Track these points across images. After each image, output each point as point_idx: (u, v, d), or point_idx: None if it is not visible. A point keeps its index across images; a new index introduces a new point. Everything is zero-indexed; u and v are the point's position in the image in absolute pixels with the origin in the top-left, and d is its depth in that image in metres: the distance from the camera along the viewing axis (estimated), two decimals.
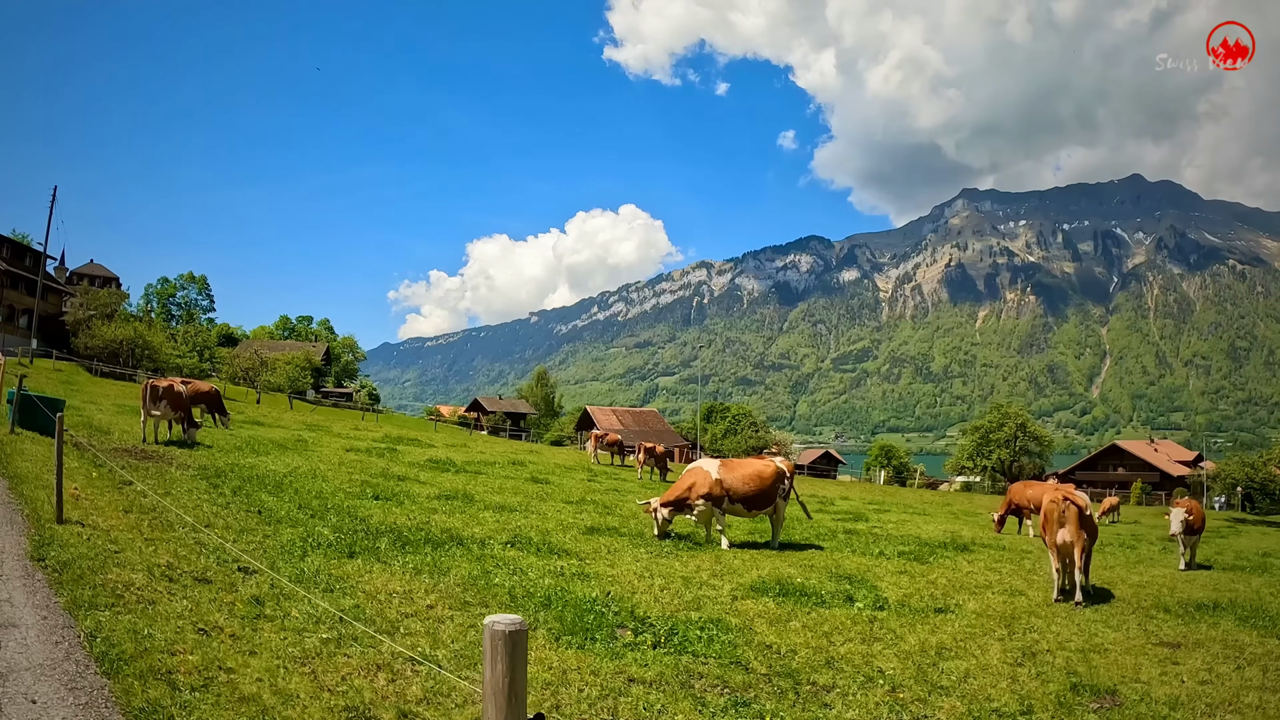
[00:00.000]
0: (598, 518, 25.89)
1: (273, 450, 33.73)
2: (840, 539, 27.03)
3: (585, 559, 18.23)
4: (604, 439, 63.60)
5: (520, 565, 16.48)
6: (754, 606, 14.91)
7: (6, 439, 24.66)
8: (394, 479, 29.69)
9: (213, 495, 20.27)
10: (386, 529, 18.57)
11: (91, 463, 22.36)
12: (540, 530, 21.51)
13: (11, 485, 17.53)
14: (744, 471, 22.99)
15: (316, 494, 22.78)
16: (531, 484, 36.21)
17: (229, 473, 24.45)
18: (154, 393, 30.36)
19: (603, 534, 22.28)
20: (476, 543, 18.43)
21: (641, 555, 19.42)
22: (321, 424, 59.95)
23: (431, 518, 21.48)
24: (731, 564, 19.50)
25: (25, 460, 20.94)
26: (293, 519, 18.50)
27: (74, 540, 13.04)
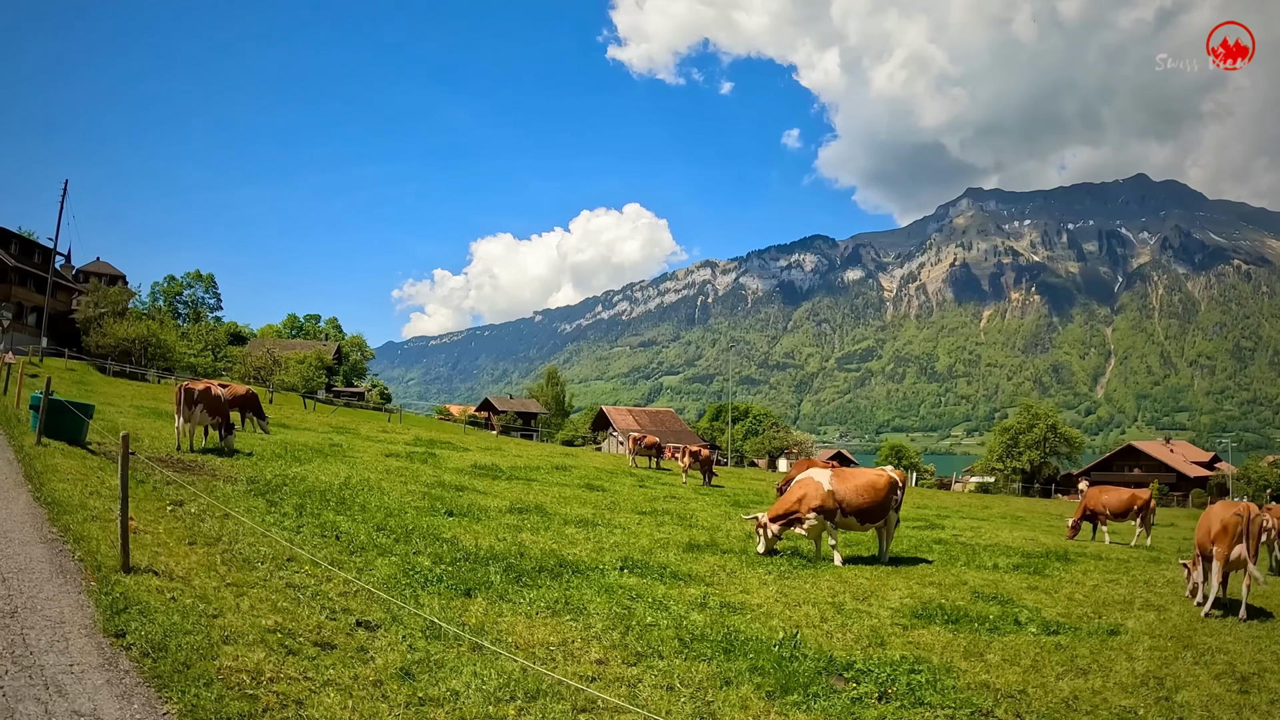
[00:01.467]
0: (684, 531, 24.68)
1: (314, 457, 31.53)
2: (936, 550, 25.82)
3: (710, 583, 16.88)
4: (641, 441, 61.20)
5: (653, 595, 15.00)
6: (929, 636, 13.86)
7: (34, 452, 21.31)
8: (452, 489, 27.92)
9: (277, 516, 18.07)
10: (486, 555, 16.90)
11: (132, 477, 19.31)
12: (640, 549, 20.10)
13: (53, 516, 14.50)
14: (857, 482, 21.52)
15: (385, 510, 20.95)
16: (588, 491, 34.72)
17: (282, 486, 22.21)
18: (189, 397, 27.82)
19: (704, 551, 20.88)
20: (588, 568, 16.87)
21: (765, 577, 18.08)
22: (347, 426, 58.36)
23: (519, 537, 19.97)
24: (860, 584, 18.25)
25: (61, 480, 17.83)
26: (377, 545, 16.60)
27: (153, 600, 10.23)
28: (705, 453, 52.40)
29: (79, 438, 24.44)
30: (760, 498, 42.06)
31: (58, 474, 18.16)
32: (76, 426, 24.25)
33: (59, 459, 20.58)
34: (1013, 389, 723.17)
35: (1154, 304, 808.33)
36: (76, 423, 24.18)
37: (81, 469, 19.22)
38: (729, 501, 38.43)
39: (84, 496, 16.07)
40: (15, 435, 24.01)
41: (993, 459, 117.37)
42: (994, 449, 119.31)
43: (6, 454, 20.64)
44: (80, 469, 19.27)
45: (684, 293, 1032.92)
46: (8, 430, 25.21)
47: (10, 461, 19.52)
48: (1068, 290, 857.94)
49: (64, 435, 23.84)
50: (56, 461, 20.08)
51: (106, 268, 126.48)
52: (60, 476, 17.88)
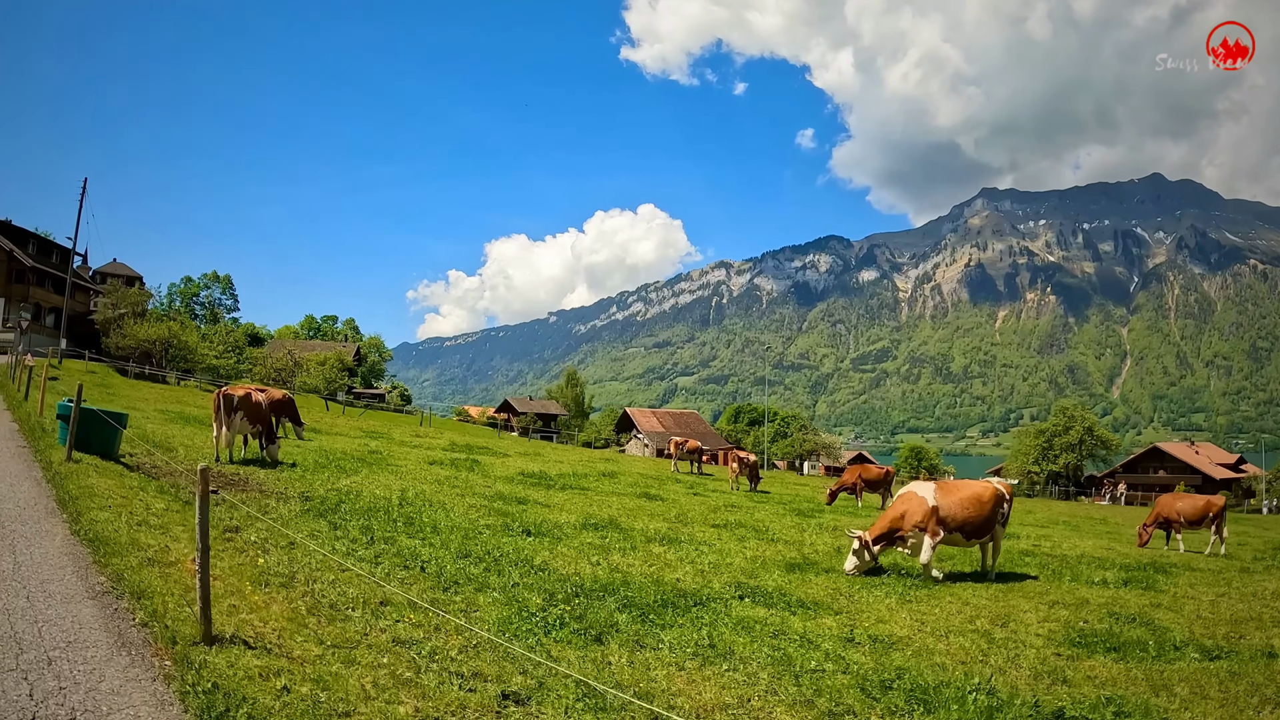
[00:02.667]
0: (770, 547, 22.82)
1: (358, 467, 29.24)
2: (1028, 563, 24.06)
3: (838, 611, 15.39)
4: (684, 446, 59.17)
5: (791, 629, 13.50)
6: (1102, 668, 12.79)
7: (65, 470, 18.27)
8: (513, 502, 25.91)
9: (346, 543, 15.90)
10: (592, 586, 15.00)
11: (177, 498, 17.52)
12: (742, 571, 18.54)
13: (99, 558, 11.73)
14: (962, 495, 19.90)
15: (459, 531, 18.94)
16: (647, 501, 32.89)
17: (339, 504, 20.00)
18: (228, 403, 25.35)
19: (806, 571, 19.35)
20: (706, 598, 15.10)
21: (886, 601, 16.60)
22: (379, 430, 56.65)
23: (610, 559, 18.14)
24: (985, 605, 16.85)
25: (101, 506, 14.98)
26: (470, 577, 14.55)
27: (258, 692, 7.71)
28: (753, 459, 50.51)
29: (111, 450, 22.01)
30: (817, 506, 40.38)
31: (95, 498, 15.45)
32: (108, 438, 21.89)
33: (94, 478, 17.81)
34: (1028, 390, 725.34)
35: (1170, 304, 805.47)
36: (108, 434, 21.83)
37: (121, 490, 16.77)
38: (789, 510, 36.30)
39: (131, 529, 13.46)
40: (41, 449, 21.31)
41: (1028, 462, 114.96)
42: (1029, 451, 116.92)
43: (33, 472, 18.05)
44: (119, 490, 16.78)
45: (698, 293, 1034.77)
46: (32, 442, 22.60)
47: (38, 482, 16.92)
48: (1083, 290, 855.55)
49: (95, 448, 21.27)
50: (91, 481, 17.27)
51: (123, 269, 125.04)
52: (99, 502, 15.22)
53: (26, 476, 17.17)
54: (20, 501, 14.60)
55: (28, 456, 20.05)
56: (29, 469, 18.21)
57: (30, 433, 24.12)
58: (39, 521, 13.25)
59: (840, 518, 34.25)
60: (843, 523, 31.13)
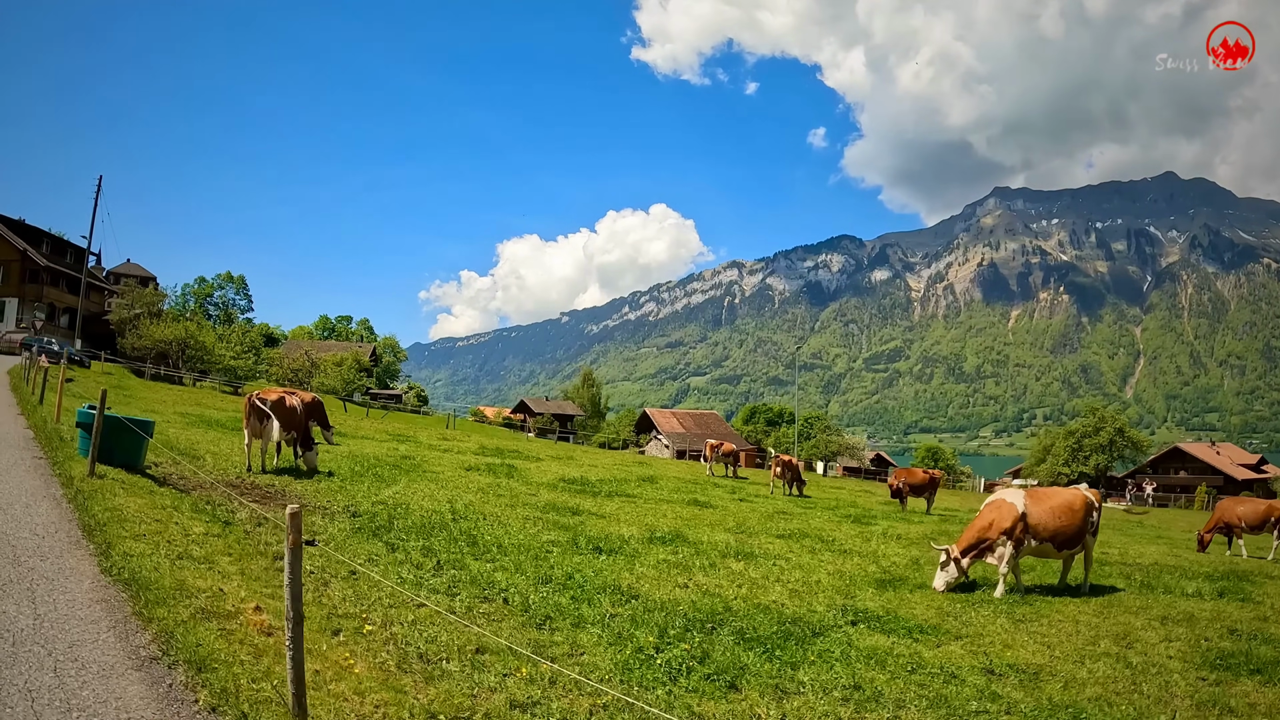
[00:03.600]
0: (849, 560, 21.49)
1: (396, 475, 27.43)
2: (1109, 571, 23.13)
3: (955, 634, 14.29)
4: (719, 449, 57.68)
5: (924, 661, 12.41)
6: (1250, 692, 11.95)
7: (88, 488, 15.81)
8: (566, 513, 24.39)
9: (410, 569, 14.15)
10: (694, 614, 13.51)
11: (216, 517, 15.43)
12: (836, 590, 17.41)
13: (139, 607, 9.36)
14: (1053, 503, 18.88)
15: (527, 551, 17.28)
16: (699, 509, 31.36)
17: (391, 521, 18.15)
18: (261, 409, 23.30)
19: (900, 588, 18.28)
20: (822, 626, 13.91)
21: (996, 620, 15.63)
22: (404, 433, 55.26)
23: (695, 579, 16.82)
24: (1093, 622, 15.93)
25: (133, 535, 12.63)
26: (560, 609, 12.96)
27: None
28: (796, 461, 48.75)
29: (136, 462, 19.88)
30: (867, 511, 38.80)
31: (126, 524, 13.19)
32: (134, 448, 19.83)
33: (121, 496, 15.56)
34: (1041, 390, 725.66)
35: (1183, 303, 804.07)
36: (134, 444, 19.77)
37: (152, 511, 14.64)
38: (841, 516, 34.89)
39: (173, 565, 11.21)
40: (59, 460, 18.96)
41: (1058, 463, 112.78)
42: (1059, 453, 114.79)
43: (52, 489, 15.74)
44: (151, 511, 14.62)
45: (711, 293, 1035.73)
46: (49, 453, 20.29)
47: (58, 502, 14.63)
48: (1096, 290, 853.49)
49: (118, 459, 19.07)
50: (119, 502, 14.99)
51: (137, 269, 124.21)
52: (130, 528, 12.93)
53: (44, 494, 14.97)
54: (39, 528, 12.43)
55: (45, 470, 17.82)
56: (46, 485, 15.99)
57: (46, 441, 21.86)
58: (62, 555, 11.06)
59: (896, 524, 33.03)
60: (901, 530, 30.51)
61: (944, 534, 30.02)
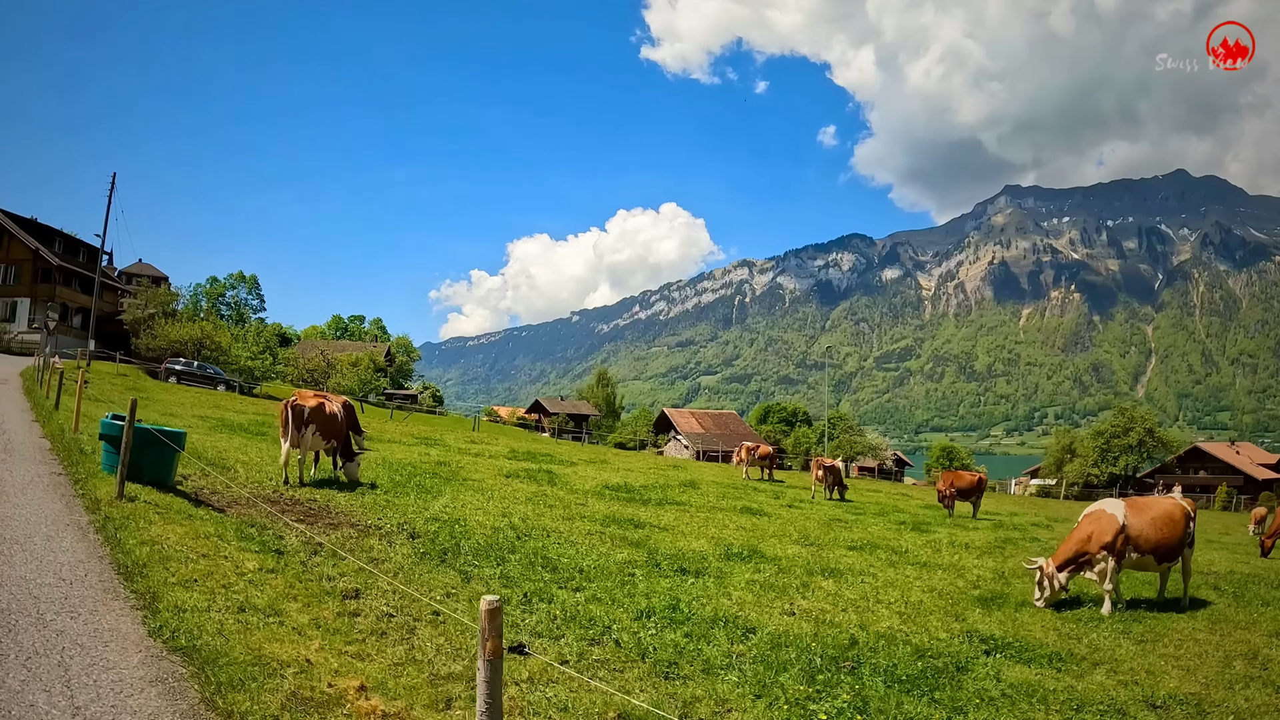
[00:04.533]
0: (937, 575, 20.29)
1: (440, 486, 25.40)
2: (1194, 581, 21.08)
3: (1095, 662, 13.30)
4: (755, 451, 55.77)
5: (1087, 698, 11.33)
6: None
7: (117, 514, 13.37)
8: (628, 525, 22.74)
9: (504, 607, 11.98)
10: (833, 653, 12.19)
11: (265, 546, 13.29)
12: (943, 610, 16.26)
13: (211, 690, 7.36)
14: (1154, 514, 18.05)
15: (606, 573, 15.73)
16: (753, 516, 29.91)
17: (455, 544, 16.15)
18: (299, 416, 21.19)
19: (1004, 606, 17.09)
20: (964, 660, 12.67)
21: (1120, 640, 14.73)
22: (430, 435, 53.56)
23: (798, 603, 15.53)
24: (1209, 640, 15.19)
25: (183, 582, 10.18)
26: (679, 650, 11.38)
27: None
28: (838, 465, 46.91)
29: (167, 477, 17.61)
30: (917, 517, 37.18)
31: (169, 563, 10.97)
32: (164, 463, 17.53)
33: (157, 524, 13.16)
34: (1052, 388, 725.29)
35: (1195, 301, 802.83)
36: (164, 457, 17.45)
37: (195, 542, 12.44)
38: (894, 523, 33.22)
39: (236, 621, 9.02)
40: (81, 478, 16.80)
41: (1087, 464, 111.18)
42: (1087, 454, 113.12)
43: (75, 514, 13.54)
44: (193, 543, 12.40)
45: (721, 292, 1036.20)
46: (69, 468, 18.00)
47: (85, 532, 12.32)
48: (1108, 288, 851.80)
49: (147, 475, 16.89)
50: (156, 532, 12.62)
51: (149, 269, 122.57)
52: (176, 569, 10.75)
53: (68, 523, 12.75)
54: (65, 569, 10.24)
55: (66, 489, 15.56)
56: (70, 510, 13.75)
57: (66, 454, 19.65)
58: (97, 610, 8.84)
59: (955, 531, 31.55)
60: (964, 538, 29.31)
61: (1009, 542, 29.13)
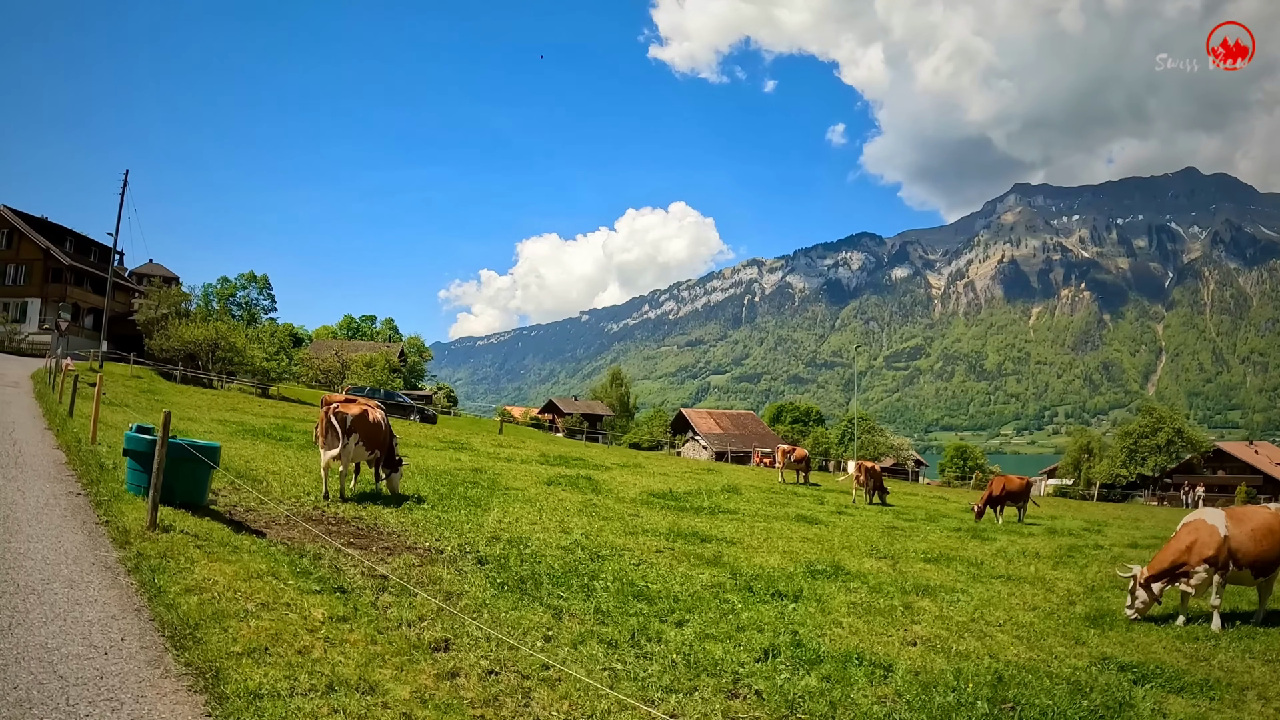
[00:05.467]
0: (1021, 590, 18.89)
1: (485, 497, 23.23)
2: None
3: (1241, 687, 12.11)
4: (790, 455, 54.02)
5: None
6: None
7: (150, 549, 11.14)
8: (694, 539, 20.85)
9: (602, 648, 10.38)
10: (975, 690, 10.62)
11: (325, 583, 11.13)
12: (1058, 633, 14.93)
13: None
14: (1254, 524, 16.72)
15: (701, 601, 13.90)
16: (809, 525, 28.29)
17: (531, 570, 14.09)
18: (341, 424, 18.95)
19: (1117, 627, 15.72)
20: (1123, 697, 11.20)
21: (1256, 665, 13.37)
22: (456, 439, 51.53)
23: (908, 630, 13.95)
24: None
25: (254, 654, 8.04)
26: (828, 699, 9.76)
27: None
28: (878, 468, 45.08)
29: (200, 497, 15.41)
30: (962, 521, 35.82)
31: (224, 619, 8.74)
32: (197, 482, 15.31)
33: (201, 564, 10.78)
34: (1062, 387, 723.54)
35: (1205, 300, 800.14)
36: (197, 475, 15.22)
37: (249, 586, 10.10)
38: (950, 530, 31.53)
39: (329, 710, 6.95)
40: (104, 499, 14.53)
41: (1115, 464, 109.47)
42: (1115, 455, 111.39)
43: (103, 550, 11.35)
44: (247, 586, 10.07)
45: (731, 291, 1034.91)
46: (89, 487, 15.84)
47: (115, 575, 10.23)
48: (1118, 287, 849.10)
49: (179, 495, 14.63)
50: (201, 574, 10.30)
51: (160, 269, 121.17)
52: (235, 630, 8.51)
53: (93, 561, 10.57)
54: (95, 631, 8.05)
55: (87, 515, 13.52)
56: (94, 543, 11.56)
57: (84, 469, 17.41)
58: (143, 697, 6.67)
59: (1014, 539, 29.67)
60: (1026, 544, 27.98)
61: (1074, 550, 27.35)
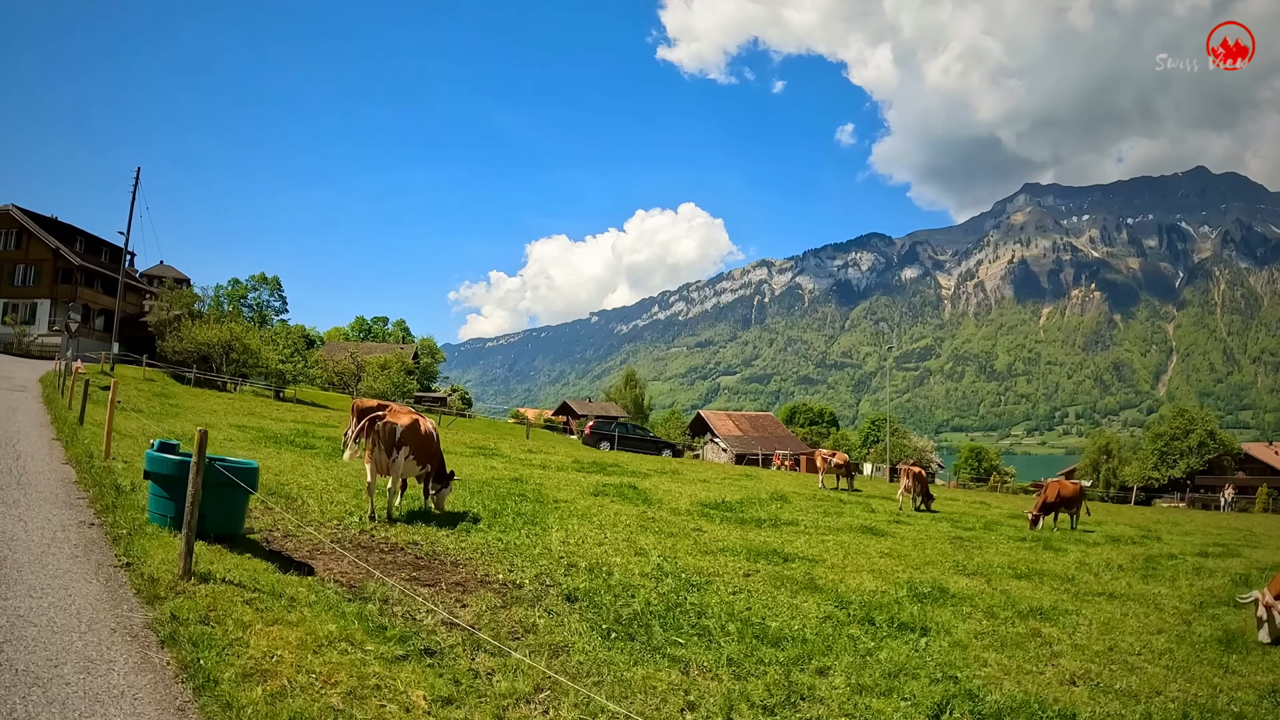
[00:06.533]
0: (1134, 609, 16.88)
1: (538, 512, 20.58)
2: None
3: None
4: (831, 460, 51.61)
5: None
6: None
7: (191, 609, 8.84)
8: (775, 559, 18.61)
9: (756, 715, 8.67)
10: None
11: (407, 645, 8.84)
12: (1206, 661, 13.39)
13: None
14: None
15: (825, 638, 11.95)
16: (876, 537, 25.68)
17: (629, 609, 11.71)
18: (389, 436, 16.56)
19: (1252, 651, 14.00)
20: None
21: None
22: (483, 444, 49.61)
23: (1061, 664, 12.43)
24: None
25: None
26: None
27: None
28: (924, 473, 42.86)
29: (235, 528, 12.98)
30: (1021, 530, 32.84)
31: None
32: (231, 509, 12.87)
33: (256, 629, 8.49)
34: (1073, 387, 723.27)
35: (1216, 299, 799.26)
36: (232, 503, 12.82)
37: (319, 658, 7.89)
38: (1014, 540, 28.81)
39: None
40: (123, 535, 11.91)
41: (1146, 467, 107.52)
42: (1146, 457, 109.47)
43: (125, 609, 8.87)
44: (316, 658, 7.86)
45: (740, 292, 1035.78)
46: (103, 516, 13.36)
47: (142, 646, 7.96)
48: (1128, 287, 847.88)
49: (211, 525, 12.16)
50: (257, 647, 8.01)
51: (171, 271, 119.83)
52: None
53: (113, 625, 8.13)
54: None
55: (103, 555, 10.96)
56: (113, 597, 9.14)
57: (97, 491, 15.13)
58: None
59: (1085, 550, 27.15)
60: (1100, 555, 25.95)
61: (1151, 561, 24.85)
